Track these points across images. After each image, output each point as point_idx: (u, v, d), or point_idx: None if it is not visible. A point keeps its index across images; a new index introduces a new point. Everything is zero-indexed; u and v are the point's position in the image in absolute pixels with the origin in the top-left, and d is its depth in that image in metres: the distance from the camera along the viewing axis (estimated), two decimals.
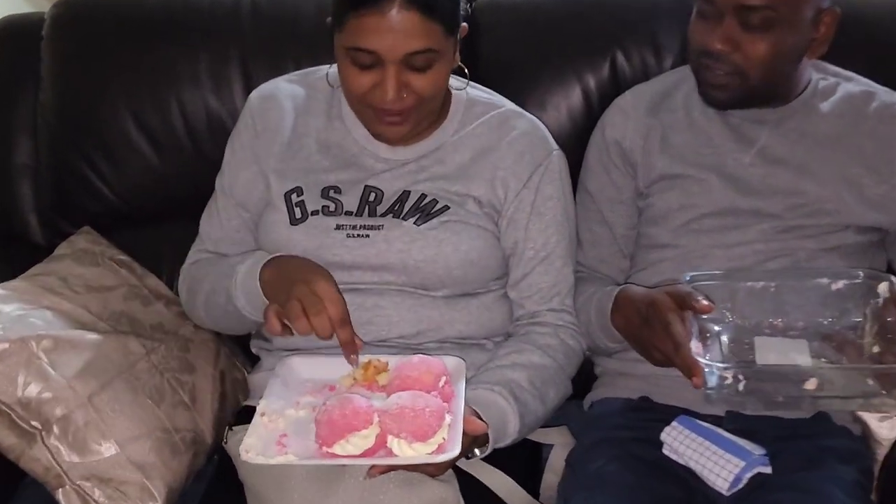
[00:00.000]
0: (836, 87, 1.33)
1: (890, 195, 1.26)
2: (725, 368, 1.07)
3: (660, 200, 1.33)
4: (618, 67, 1.51)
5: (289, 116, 1.31)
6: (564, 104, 1.52)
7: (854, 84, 1.33)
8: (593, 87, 1.52)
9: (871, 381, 1.07)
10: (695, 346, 1.06)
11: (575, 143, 1.47)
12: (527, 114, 1.35)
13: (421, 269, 1.24)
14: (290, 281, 1.10)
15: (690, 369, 1.05)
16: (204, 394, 1.35)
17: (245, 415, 1.27)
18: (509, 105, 1.35)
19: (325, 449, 1.03)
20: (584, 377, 1.40)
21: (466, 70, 1.30)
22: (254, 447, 1.04)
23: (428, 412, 1.01)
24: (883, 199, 1.26)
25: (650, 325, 1.12)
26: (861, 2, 1.50)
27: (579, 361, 1.32)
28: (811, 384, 1.07)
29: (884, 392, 1.06)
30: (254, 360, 1.43)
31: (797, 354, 1.12)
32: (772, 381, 1.10)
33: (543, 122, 1.48)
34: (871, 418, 1.22)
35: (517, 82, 1.51)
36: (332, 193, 1.27)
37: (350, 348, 1.10)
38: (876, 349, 1.12)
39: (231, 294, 1.21)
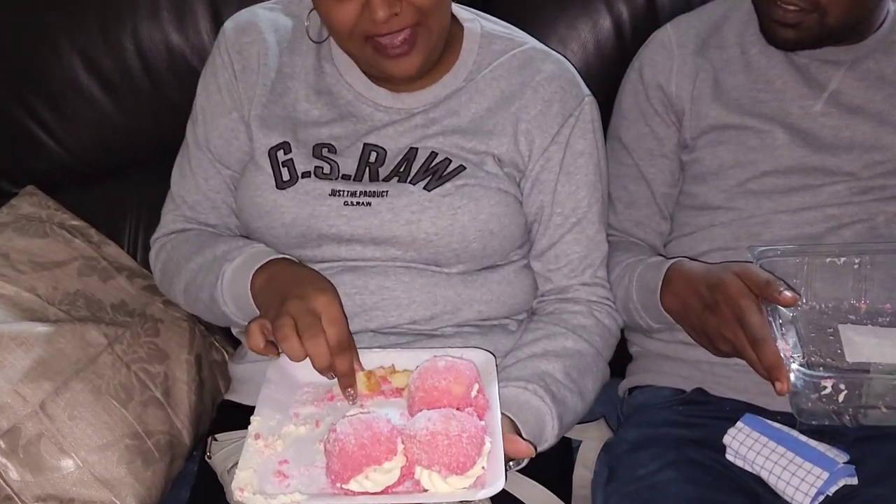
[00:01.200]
0: None
1: None
2: (824, 377, 0.90)
3: (710, 155, 1.16)
4: None
5: (272, 52, 1.11)
6: (591, 35, 1.37)
7: None
8: (625, 15, 1.36)
9: None
10: (781, 346, 0.88)
11: (604, 85, 1.30)
12: (554, 53, 1.16)
13: (433, 243, 1.05)
14: (284, 293, 0.92)
15: (773, 370, 0.88)
16: (179, 385, 1.19)
17: (228, 414, 1.11)
18: (533, 42, 1.15)
19: (338, 485, 0.85)
20: (617, 355, 1.23)
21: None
22: (249, 483, 0.85)
23: (465, 438, 0.83)
24: None
25: (718, 312, 0.96)
26: None
27: (616, 341, 1.15)
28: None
29: None
30: (234, 338, 1.25)
31: (891, 350, 0.97)
32: (880, 393, 0.93)
33: (565, 58, 1.30)
34: None
35: (532, 7, 1.36)
36: (325, 153, 1.07)
37: (347, 381, 0.93)
38: None
39: (216, 297, 1.03)
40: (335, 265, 1.08)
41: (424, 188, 1.05)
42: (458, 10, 1.13)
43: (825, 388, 0.90)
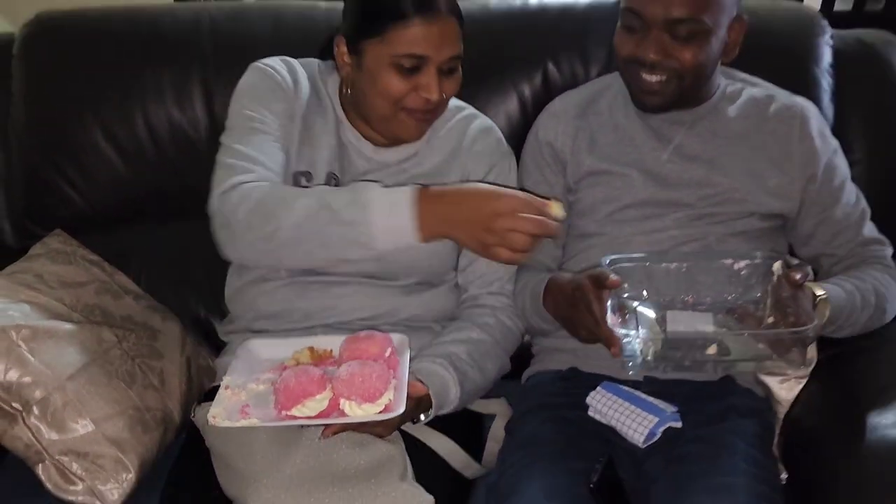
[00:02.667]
0: (742, 90, 1.47)
1: (787, 185, 1.41)
2: (638, 338, 1.20)
3: (587, 195, 1.46)
4: (549, 76, 1.65)
5: (307, 94, 1.38)
6: (503, 111, 1.65)
7: (758, 89, 1.48)
8: (528, 94, 1.65)
9: (762, 346, 1.20)
10: (611, 318, 1.18)
11: (512, 145, 1.57)
12: (484, 116, 1.49)
13: (387, 259, 1.32)
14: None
15: (609, 340, 1.18)
16: (172, 377, 1.46)
17: (211, 394, 1.37)
18: (470, 109, 1.49)
19: (283, 412, 1.15)
20: (524, 359, 1.54)
21: None
22: (220, 414, 1.15)
23: (375, 376, 1.14)
24: (782, 188, 1.40)
25: (575, 306, 1.25)
26: (768, 16, 1.67)
27: (516, 340, 1.44)
28: (712, 349, 1.21)
29: (774, 356, 1.20)
30: (218, 351, 1.53)
31: (702, 325, 1.26)
32: (680, 348, 1.22)
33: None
34: (772, 381, 1.36)
35: (459, 92, 1.58)
36: (332, 182, 1.37)
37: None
38: (771, 320, 1.25)
39: (352, 216, 1.17)
40: (302, 277, 1.36)
41: None
42: None
43: (641, 346, 1.18)
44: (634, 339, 1.19)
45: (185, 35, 1.66)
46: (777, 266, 1.28)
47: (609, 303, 1.21)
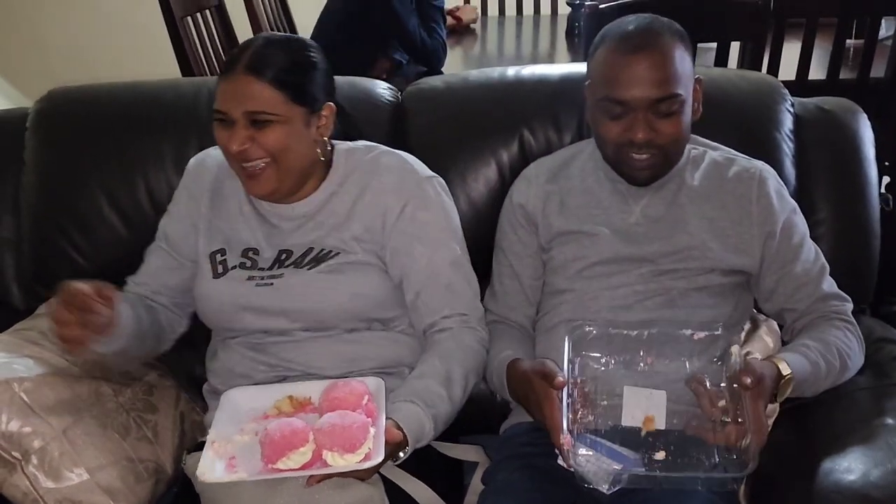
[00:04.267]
0: (704, 154, 1.56)
1: (747, 242, 1.48)
2: (589, 455, 1.28)
3: (559, 253, 1.55)
4: (525, 143, 1.74)
5: (216, 181, 1.54)
6: (482, 176, 1.74)
7: (719, 153, 1.57)
8: (506, 160, 1.74)
9: (702, 478, 1.26)
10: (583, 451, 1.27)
11: (492, 208, 1.70)
12: (397, 151, 1.56)
13: (315, 309, 1.44)
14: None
15: (559, 449, 1.27)
16: (165, 431, 1.53)
17: (201, 445, 1.45)
18: (382, 148, 1.57)
19: (269, 466, 1.22)
20: (504, 412, 1.61)
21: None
22: (208, 470, 1.22)
23: (355, 427, 1.21)
24: (741, 244, 1.48)
25: (528, 400, 1.35)
26: (731, 86, 1.78)
27: (480, 355, 1.49)
28: (660, 455, 1.27)
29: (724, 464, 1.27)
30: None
31: (656, 411, 1.32)
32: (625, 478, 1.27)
33: (465, 193, 1.73)
34: None
35: (441, 158, 1.73)
36: (250, 253, 1.50)
37: None
38: (723, 403, 1.31)
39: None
40: (257, 336, 1.47)
41: (308, 269, 1.45)
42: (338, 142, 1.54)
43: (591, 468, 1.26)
44: (588, 465, 1.27)
45: (186, 107, 1.77)
46: (734, 350, 1.34)
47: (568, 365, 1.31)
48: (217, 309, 1.49)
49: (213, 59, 3.01)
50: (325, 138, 1.48)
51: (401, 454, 1.30)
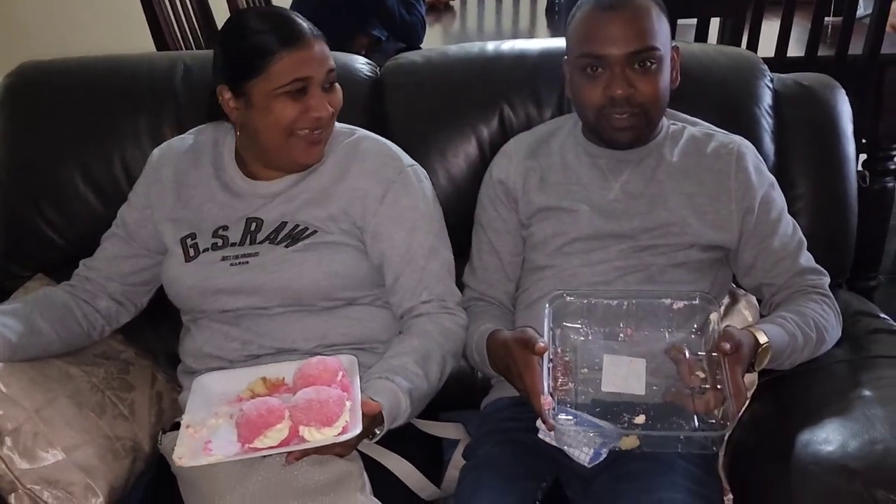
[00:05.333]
0: (683, 130, 1.56)
1: (726, 217, 1.48)
2: (568, 421, 1.27)
3: (538, 230, 1.54)
4: (505, 119, 1.73)
5: (179, 171, 1.54)
6: (462, 151, 1.73)
7: (697, 128, 1.57)
8: (486, 136, 1.73)
9: (683, 437, 1.25)
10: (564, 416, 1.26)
11: (472, 184, 1.69)
12: (377, 136, 1.56)
13: (291, 287, 1.43)
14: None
15: (541, 414, 1.26)
16: (142, 409, 1.52)
17: (178, 425, 1.44)
18: (363, 132, 1.56)
19: (246, 445, 1.21)
20: (485, 388, 1.61)
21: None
22: (185, 454, 1.20)
23: (331, 401, 1.20)
24: (720, 220, 1.48)
25: (509, 370, 1.35)
26: (711, 61, 1.78)
27: (459, 338, 1.49)
28: (640, 419, 1.27)
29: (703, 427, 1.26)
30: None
31: (635, 381, 1.32)
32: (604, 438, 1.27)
33: (445, 169, 1.72)
34: None
35: (421, 134, 1.73)
36: (220, 232, 1.48)
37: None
38: (701, 374, 1.31)
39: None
40: (230, 313, 1.45)
41: (285, 247, 1.44)
42: None
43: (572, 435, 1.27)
44: (569, 430, 1.27)
45: (161, 82, 1.74)
46: (713, 318, 1.35)
47: (548, 334, 1.30)
48: (187, 293, 1.47)
49: (189, 34, 2.96)
50: None
51: (377, 431, 1.29)
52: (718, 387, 1.26)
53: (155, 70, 1.77)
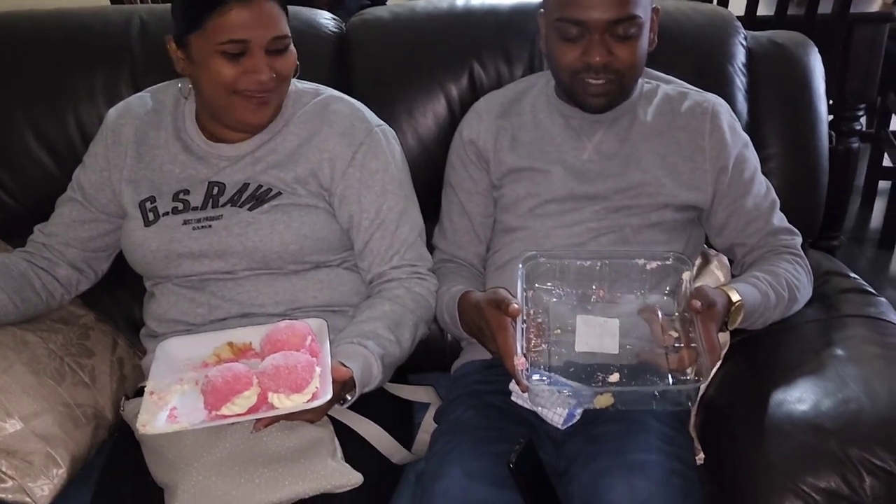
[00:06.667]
0: (657, 89, 1.53)
1: (700, 177, 1.47)
2: (542, 382, 1.24)
3: (510, 191, 1.51)
4: (475, 77, 1.70)
5: (139, 131, 1.47)
6: (431, 111, 1.69)
7: (671, 86, 1.54)
8: (455, 95, 1.69)
9: (657, 394, 1.23)
10: (519, 363, 1.22)
11: (441, 144, 1.65)
12: (346, 97, 1.51)
13: (259, 249, 1.39)
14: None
15: (515, 375, 1.24)
16: (103, 376, 1.47)
17: (139, 391, 1.41)
18: (331, 91, 1.51)
19: (213, 413, 1.17)
20: (455, 352, 1.58)
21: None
22: (148, 421, 1.16)
23: (300, 367, 1.17)
24: (694, 180, 1.47)
25: (482, 331, 1.32)
26: (684, 18, 1.75)
27: (429, 305, 1.46)
28: (606, 400, 1.23)
29: (674, 385, 1.24)
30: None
31: (609, 340, 1.30)
32: (578, 396, 1.25)
33: (412, 128, 1.69)
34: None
35: (388, 92, 1.69)
36: (181, 196, 1.43)
37: None
38: (674, 333, 1.30)
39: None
40: (195, 278, 1.41)
41: (249, 210, 1.40)
42: None
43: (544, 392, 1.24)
44: (541, 390, 1.25)
45: (116, 37, 1.68)
46: (686, 276, 1.34)
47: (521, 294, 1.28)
48: (151, 258, 1.42)
49: None
50: None
51: (348, 397, 1.27)
52: (692, 345, 1.25)
53: (109, 24, 1.70)
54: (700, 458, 1.38)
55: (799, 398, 1.27)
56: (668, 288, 1.39)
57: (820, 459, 1.18)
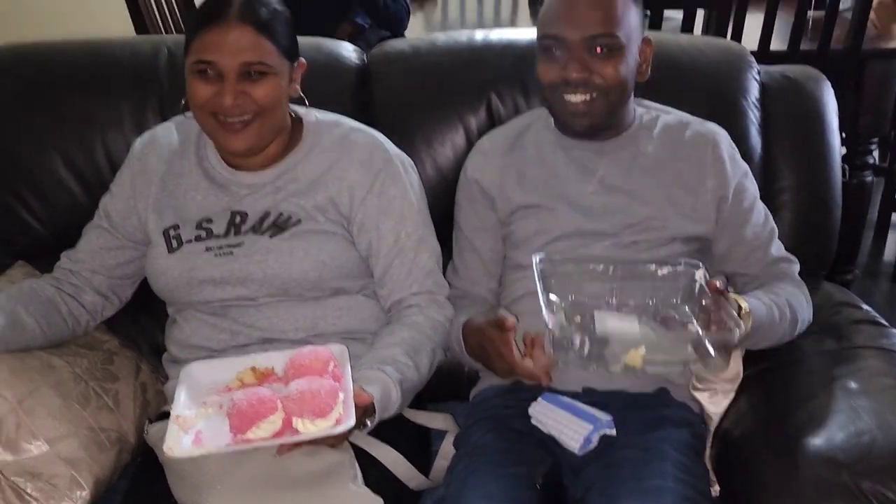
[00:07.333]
0: (657, 119, 1.54)
1: (703, 207, 1.48)
2: (570, 330, 1.24)
3: (519, 228, 1.53)
4: (493, 109, 1.72)
5: (164, 160, 1.51)
6: (449, 141, 1.71)
7: (671, 116, 1.56)
8: (473, 125, 1.72)
9: (689, 349, 1.24)
10: (549, 318, 1.22)
11: (457, 174, 1.64)
12: (366, 128, 1.54)
13: (279, 276, 1.42)
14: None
15: (532, 377, 1.26)
16: (127, 400, 1.49)
17: (164, 415, 1.42)
18: (351, 123, 1.54)
19: (239, 436, 1.19)
20: (472, 379, 1.60)
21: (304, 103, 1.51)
22: (175, 445, 1.18)
23: (324, 392, 1.19)
24: (698, 211, 1.48)
25: (485, 351, 1.34)
26: (698, 53, 1.78)
27: (446, 330, 1.49)
28: (640, 350, 1.23)
29: (699, 359, 1.24)
30: None
31: (630, 326, 1.29)
32: (609, 344, 1.24)
33: (431, 158, 1.71)
34: (702, 397, 1.42)
35: (407, 123, 1.71)
36: (204, 224, 1.46)
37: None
38: (692, 328, 1.29)
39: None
40: (216, 304, 1.44)
41: (269, 237, 1.43)
42: (295, 108, 1.51)
43: (574, 343, 1.22)
44: (566, 329, 1.24)
45: (144, 67, 1.72)
46: (699, 274, 1.35)
47: (542, 300, 1.27)
48: (174, 285, 1.45)
49: (168, 18, 2.92)
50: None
51: (368, 422, 1.29)
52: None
53: (138, 55, 1.74)
54: (715, 489, 1.38)
55: (812, 430, 1.28)
56: (677, 298, 1.38)
57: (833, 492, 1.19)
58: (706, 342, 1.22)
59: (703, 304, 1.29)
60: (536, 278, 1.30)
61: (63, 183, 1.68)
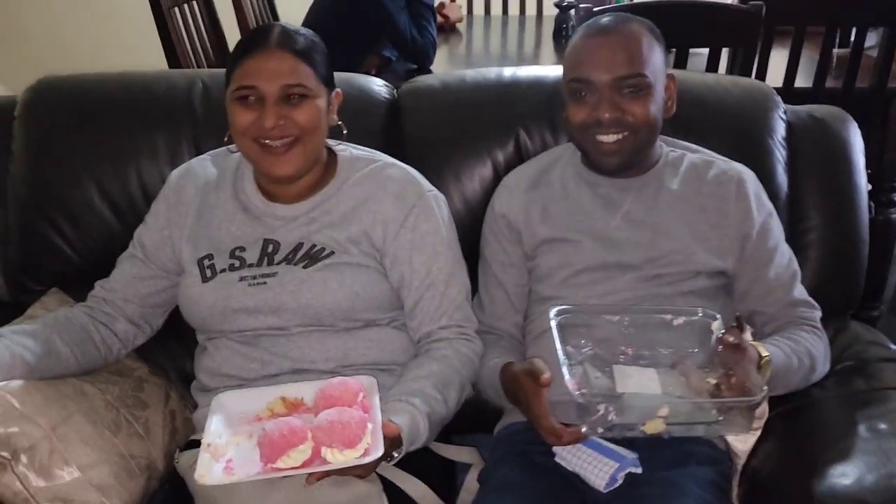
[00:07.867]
0: (683, 157, 1.57)
1: (727, 244, 1.49)
2: (597, 400, 1.25)
3: (543, 261, 1.54)
4: (521, 144, 1.75)
5: (200, 192, 1.54)
6: (477, 175, 1.74)
7: (697, 155, 1.58)
8: (501, 160, 1.74)
9: (714, 412, 1.26)
10: (571, 383, 1.25)
11: (486, 208, 1.66)
12: (400, 163, 1.57)
13: (312, 306, 1.44)
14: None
15: (554, 437, 1.28)
16: (156, 427, 1.51)
17: (193, 443, 1.45)
18: (385, 158, 1.57)
19: (269, 465, 1.21)
20: (497, 414, 1.60)
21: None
22: (206, 473, 1.20)
23: (353, 423, 1.21)
24: (721, 247, 1.49)
25: (520, 400, 1.36)
26: (725, 93, 1.80)
27: (475, 365, 1.51)
28: (664, 411, 1.25)
29: (721, 419, 1.26)
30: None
31: (650, 382, 1.31)
32: (633, 410, 1.27)
33: (459, 192, 1.73)
34: (729, 435, 1.43)
35: (437, 157, 1.74)
36: (237, 253, 1.49)
37: None
38: (713, 381, 1.29)
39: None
40: (249, 333, 1.46)
41: (303, 268, 1.45)
42: (331, 142, 1.54)
43: (599, 410, 1.24)
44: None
45: (179, 100, 1.75)
46: (716, 325, 1.36)
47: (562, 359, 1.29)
48: (207, 313, 1.47)
49: (200, 51, 2.98)
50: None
51: (395, 454, 1.29)
52: (733, 381, 1.25)
53: (173, 88, 1.78)
54: None
55: (842, 472, 1.28)
56: (694, 349, 1.39)
57: None
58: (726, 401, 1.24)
59: (724, 357, 1.29)
60: (555, 339, 1.33)
61: (98, 212, 1.71)
